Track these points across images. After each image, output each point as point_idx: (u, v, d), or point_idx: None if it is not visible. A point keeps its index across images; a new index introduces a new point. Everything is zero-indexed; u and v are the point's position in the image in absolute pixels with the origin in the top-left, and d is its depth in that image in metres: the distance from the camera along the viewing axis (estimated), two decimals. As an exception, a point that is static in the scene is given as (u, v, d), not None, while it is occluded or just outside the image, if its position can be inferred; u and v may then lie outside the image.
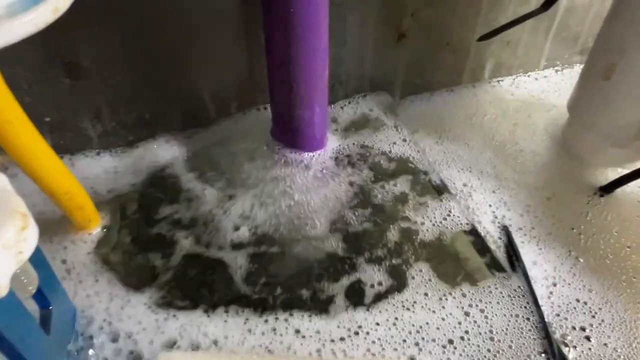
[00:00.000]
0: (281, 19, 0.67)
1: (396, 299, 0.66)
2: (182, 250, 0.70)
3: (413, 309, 0.65)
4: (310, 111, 0.78)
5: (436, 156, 0.87)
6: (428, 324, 0.63)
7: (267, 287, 0.67)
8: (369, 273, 0.69)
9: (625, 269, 0.71)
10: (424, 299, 0.66)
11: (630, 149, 0.80)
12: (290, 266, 0.69)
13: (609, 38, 0.77)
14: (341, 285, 0.67)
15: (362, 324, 0.63)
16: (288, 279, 0.68)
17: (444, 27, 0.92)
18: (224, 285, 0.67)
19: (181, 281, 0.67)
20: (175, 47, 0.78)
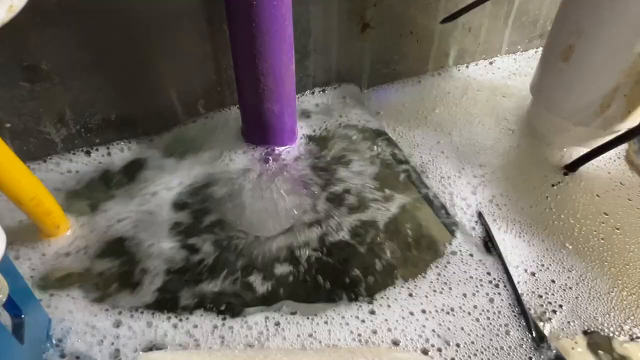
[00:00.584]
0: (244, 11, 0.66)
1: (369, 289, 0.66)
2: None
3: (387, 297, 0.66)
4: (279, 104, 0.78)
5: (406, 144, 0.88)
6: (407, 313, 0.64)
7: (241, 287, 0.66)
8: (348, 274, 0.69)
9: (596, 243, 0.73)
10: (395, 288, 0.67)
11: (592, 127, 0.82)
12: (262, 265, 0.69)
13: (566, 20, 0.79)
14: (318, 277, 0.68)
15: (341, 317, 0.63)
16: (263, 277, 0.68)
17: (407, 16, 0.93)
18: (194, 288, 0.66)
19: (154, 285, 0.66)
20: (138, 46, 0.77)
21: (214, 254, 0.69)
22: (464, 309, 0.64)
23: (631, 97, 0.77)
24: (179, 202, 0.76)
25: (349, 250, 0.70)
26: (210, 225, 0.73)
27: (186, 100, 0.88)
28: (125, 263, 0.68)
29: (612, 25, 0.72)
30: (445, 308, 0.64)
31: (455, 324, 0.63)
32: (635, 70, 0.74)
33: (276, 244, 0.71)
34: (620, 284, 0.68)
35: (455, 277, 0.68)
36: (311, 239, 0.71)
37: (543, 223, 0.76)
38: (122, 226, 0.72)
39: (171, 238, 0.71)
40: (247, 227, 0.73)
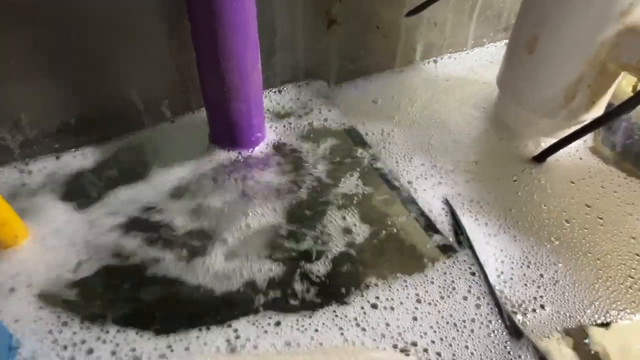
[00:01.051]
0: (205, 8, 0.64)
1: (341, 292, 0.66)
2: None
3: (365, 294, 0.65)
4: (245, 103, 0.76)
5: (374, 140, 0.87)
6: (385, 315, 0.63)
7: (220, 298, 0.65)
8: (314, 268, 0.68)
9: (564, 232, 0.74)
10: (372, 288, 0.66)
11: (558, 119, 0.83)
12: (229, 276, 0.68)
13: (529, 11, 0.79)
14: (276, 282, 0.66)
15: (311, 321, 0.62)
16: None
17: (373, 11, 0.93)
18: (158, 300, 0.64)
19: (114, 297, 0.64)
20: (95, 46, 0.74)
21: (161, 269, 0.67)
22: (439, 304, 0.64)
23: (594, 88, 0.78)
24: (138, 209, 0.74)
25: (326, 251, 0.69)
26: (161, 237, 0.71)
27: (149, 102, 0.85)
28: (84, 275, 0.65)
29: (574, 15, 0.73)
30: (422, 304, 0.64)
31: (431, 319, 0.62)
32: (598, 60, 0.75)
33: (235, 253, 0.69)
34: (592, 274, 0.69)
35: (435, 272, 0.67)
36: (280, 245, 0.70)
37: (513, 214, 0.76)
38: (81, 235, 0.70)
39: (115, 257, 0.68)
40: (207, 237, 0.71)
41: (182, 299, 0.63)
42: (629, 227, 0.75)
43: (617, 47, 0.72)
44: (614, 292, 0.67)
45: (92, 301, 0.62)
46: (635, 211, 0.77)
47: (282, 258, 0.68)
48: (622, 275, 0.69)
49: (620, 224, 0.75)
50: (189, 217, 0.73)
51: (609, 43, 0.73)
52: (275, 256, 0.68)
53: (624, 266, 0.70)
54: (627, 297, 0.66)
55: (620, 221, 0.76)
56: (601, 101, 0.81)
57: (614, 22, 0.71)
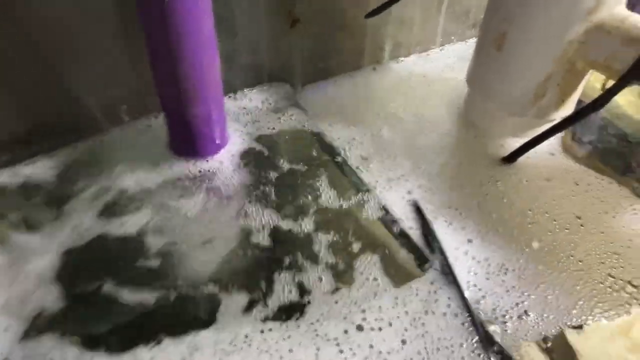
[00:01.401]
0: (157, 11, 0.61)
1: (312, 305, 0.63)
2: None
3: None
4: (204, 109, 0.72)
5: (343, 142, 0.85)
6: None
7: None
8: (282, 284, 0.65)
9: (538, 234, 0.72)
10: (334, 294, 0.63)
11: (528, 117, 0.81)
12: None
13: (497, 8, 0.77)
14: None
15: (273, 335, 0.59)
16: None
17: (338, 10, 0.90)
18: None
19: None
20: (45, 52, 0.70)
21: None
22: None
23: (564, 86, 0.77)
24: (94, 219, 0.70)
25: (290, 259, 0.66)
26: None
27: (107, 108, 0.81)
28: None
29: (541, 12, 0.71)
30: (390, 315, 0.61)
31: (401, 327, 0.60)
32: (566, 58, 0.73)
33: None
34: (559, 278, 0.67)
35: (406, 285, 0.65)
36: (242, 255, 0.67)
37: (485, 217, 0.74)
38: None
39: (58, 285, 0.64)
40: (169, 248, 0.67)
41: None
42: (606, 225, 0.74)
43: (585, 45, 0.71)
44: (598, 294, 0.66)
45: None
46: (609, 209, 0.76)
47: (242, 269, 0.65)
48: (603, 274, 0.68)
49: (597, 222, 0.74)
50: (145, 226, 0.69)
51: (577, 41, 0.71)
52: (236, 267, 0.65)
53: (603, 265, 0.69)
54: (608, 297, 0.65)
55: (596, 220, 0.75)
56: (571, 99, 0.80)
57: (581, 20, 0.69)
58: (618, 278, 0.68)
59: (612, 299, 0.65)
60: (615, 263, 0.69)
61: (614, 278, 0.68)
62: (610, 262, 0.69)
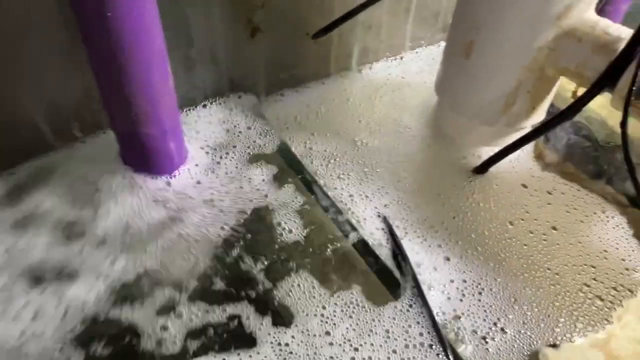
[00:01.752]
0: (99, 25, 0.56)
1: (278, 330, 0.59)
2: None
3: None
4: (158, 127, 0.68)
5: (307, 155, 0.81)
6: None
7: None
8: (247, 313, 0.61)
9: (510, 245, 0.70)
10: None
11: (498, 126, 0.79)
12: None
13: (464, 15, 0.74)
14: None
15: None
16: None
17: (301, 17, 0.86)
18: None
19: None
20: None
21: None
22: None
23: (534, 94, 0.74)
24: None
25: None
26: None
27: (56, 125, 0.75)
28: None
29: (509, 18, 0.68)
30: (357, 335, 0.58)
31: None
32: (537, 65, 0.71)
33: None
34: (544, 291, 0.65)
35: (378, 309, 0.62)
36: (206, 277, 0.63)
37: (457, 233, 0.71)
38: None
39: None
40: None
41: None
42: (582, 235, 0.72)
43: (555, 52, 0.68)
44: (577, 308, 0.64)
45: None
46: (584, 217, 0.75)
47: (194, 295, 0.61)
48: (581, 288, 0.66)
49: (573, 232, 0.72)
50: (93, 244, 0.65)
51: (547, 47, 0.69)
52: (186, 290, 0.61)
53: (580, 277, 0.67)
54: (587, 311, 0.64)
55: (571, 229, 0.73)
56: (541, 106, 0.78)
57: (551, 26, 0.67)
58: (595, 292, 0.66)
59: (591, 314, 0.63)
60: (592, 276, 0.67)
61: (592, 292, 0.66)
62: (587, 275, 0.67)
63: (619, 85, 0.63)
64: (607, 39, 0.65)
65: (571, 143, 0.88)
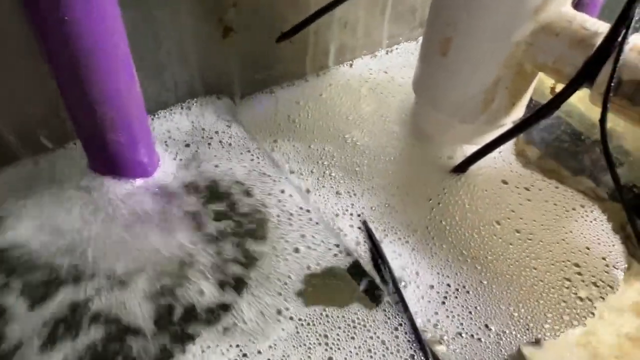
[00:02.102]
0: (57, 30, 0.53)
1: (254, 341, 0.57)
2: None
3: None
4: (127, 133, 0.65)
5: (283, 160, 0.79)
6: None
7: None
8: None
9: (492, 246, 0.69)
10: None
11: (478, 123, 0.77)
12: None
13: (440, 12, 0.73)
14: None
15: None
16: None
17: (274, 15, 0.83)
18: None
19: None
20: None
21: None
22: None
23: (513, 90, 0.73)
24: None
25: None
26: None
27: (23, 134, 0.72)
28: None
29: (486, 14, 0.67)
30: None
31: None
32: (514, 60, 0.69)
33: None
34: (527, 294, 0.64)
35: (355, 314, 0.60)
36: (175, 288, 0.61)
37: (439, 234, 0.70)
38: None
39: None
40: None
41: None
42: (564, 231, 0.71)
43: (533, 47, 0.67)
44: (564, 306, 0.63)
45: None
46: (566, 213, 0.74)
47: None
48: (565, 285, 0.65)
49: (555, 230, 0.72)
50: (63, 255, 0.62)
51: (524, 42, 0.67)
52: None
53: (563, 275, 0.67)
54: (572, 308, 0.63)
55: (554, 227, 0.72)
56: (520, 103, 0.76)
57: (528, 21, 0.65)
58: (579, 288, 0.65)
59: (575, 310, 0.63)
60: (576, 273, 0.67)
61: (576, 288, 0.65)
62: (571, 272, 0.67)
63: (597, 81, 0.62)
64: (584, 33, 0.63)
65: (551, 138, 0.87)
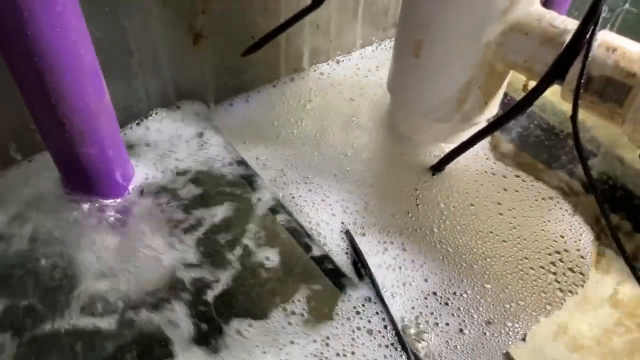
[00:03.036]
0: (19, 43, 0.52)
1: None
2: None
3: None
4: (97, 146, 0.64)
5: (260, 166, 0.78)
6: None
7: None
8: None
9: (472, 240, 0.70)
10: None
11: (453, 122, 0.78)
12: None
13: (411, 15, 0.73)
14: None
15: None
16: None
17: (245, 20, 0.83)
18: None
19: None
20: None
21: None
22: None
23: (485, 89, 0.73)
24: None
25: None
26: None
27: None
28: None
29: (456, 16, 0.67)
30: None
31: None
32: (486, 61, 0.70)
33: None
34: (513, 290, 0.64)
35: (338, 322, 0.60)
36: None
37: (421, 236, 0.70)
38: None
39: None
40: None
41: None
42: (541, 229, 0.72)
43: (503, 47, 0.68)
44: (549, 300, 0.64)
45: None
46: (542, 210, 0.75)
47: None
48: (548, 280, 0.66)
49: (533, 227, 0.72)
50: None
51: (495, 42, 0.68)
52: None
53: (547, 271, 0.67)
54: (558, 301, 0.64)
55: (531, 224, 0.73)
56: (494, 101, 0.77)
57: (497, 21, 0.66)
58: (556, 279, 0.67)
59: (555, 302, 0.64)
60: (557, 266, 0.68)
61: (559, 283, 0.66)
62: (553, 268, 0.68)
63: (567, 78, 0.63)
64: (553, 31, 0.64)
65: (525, 133, 0.88)
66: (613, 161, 0.82)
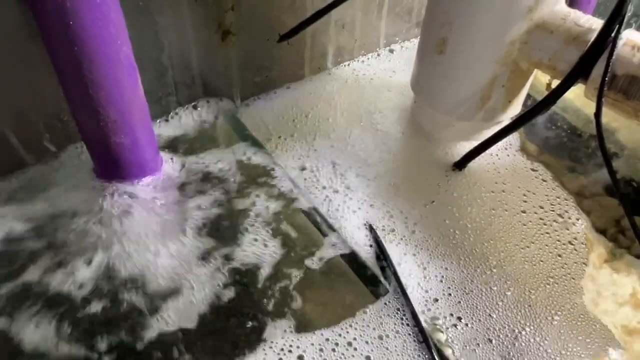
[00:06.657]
0: (62, 33, 0.54)
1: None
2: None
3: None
4: (130, 135, 0.66)
5: (287, 162, 0.80)
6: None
7: None
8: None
9: (493, 239, 0.70)
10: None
11: (475, 121, 0.79)
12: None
13: (436, 12, 0.74)
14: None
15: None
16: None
17: (272, 18, 0.85)
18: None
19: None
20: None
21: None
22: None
23: (509, 87, 0.74)
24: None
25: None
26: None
27: (27, 138, 0.73)
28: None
29: (482, 14, 0.68)
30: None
31: None
32: (510, 59, 0.70)
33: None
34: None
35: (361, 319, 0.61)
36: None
37: (443, 234, 0.71)
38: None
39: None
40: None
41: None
42: (556, 226, 0.72)
43: (528, 45, 0.68)
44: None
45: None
46: (560, 211, 0.75)
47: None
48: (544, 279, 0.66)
49: (545, 225, 0.73)
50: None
51: (519, 41, 0.68)
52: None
53: (550, 272, 0.67)
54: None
55: (542, 222, 0.73)
56: (517, 100, 0.78)
57: (522, 19, 0.67)
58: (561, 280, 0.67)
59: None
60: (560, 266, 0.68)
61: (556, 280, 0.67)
62: (558, 270, 0.68)
63: (591, 77, 0.63)
64: (578, 30, 0.65)
65: (549, 134, 0.88)
66: (636, 163, 0.82)
